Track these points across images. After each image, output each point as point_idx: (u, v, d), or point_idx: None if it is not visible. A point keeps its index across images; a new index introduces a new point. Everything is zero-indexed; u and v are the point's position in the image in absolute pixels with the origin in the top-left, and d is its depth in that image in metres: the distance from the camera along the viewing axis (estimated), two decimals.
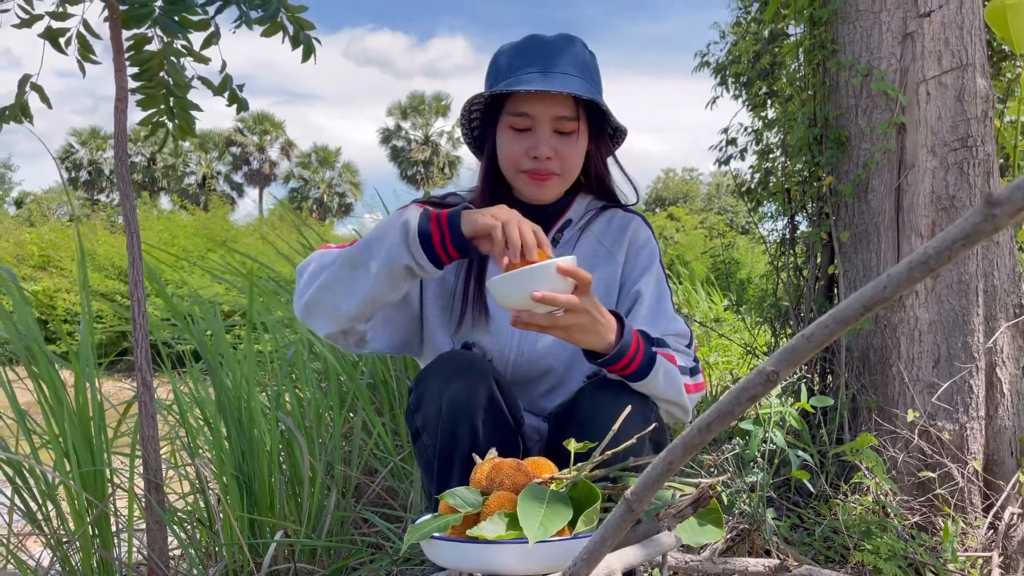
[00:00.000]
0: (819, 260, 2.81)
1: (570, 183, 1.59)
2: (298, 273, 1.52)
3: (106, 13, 1.79)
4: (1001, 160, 2.94)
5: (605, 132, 1.62)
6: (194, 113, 2.00)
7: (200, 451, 2.32)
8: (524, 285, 1.21)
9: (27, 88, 1.84)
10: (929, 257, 0.61)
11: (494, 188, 1.60)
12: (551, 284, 1.22)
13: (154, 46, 1.87)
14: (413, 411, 1.45)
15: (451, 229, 1.34)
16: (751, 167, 3.46)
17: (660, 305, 1.55)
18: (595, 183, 1.66)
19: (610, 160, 1.67)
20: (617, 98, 1.58)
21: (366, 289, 1.39)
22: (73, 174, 41.70)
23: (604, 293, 1.57)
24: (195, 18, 1.81)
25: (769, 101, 3.66)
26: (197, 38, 1.88)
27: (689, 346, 1.52)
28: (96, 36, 1.85)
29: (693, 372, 1.48)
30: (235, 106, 2.03)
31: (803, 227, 3.03)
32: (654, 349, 1.39)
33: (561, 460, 1.24)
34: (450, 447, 1.38)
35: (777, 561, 1.71)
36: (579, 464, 1.17)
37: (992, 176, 2.51)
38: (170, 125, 1.99)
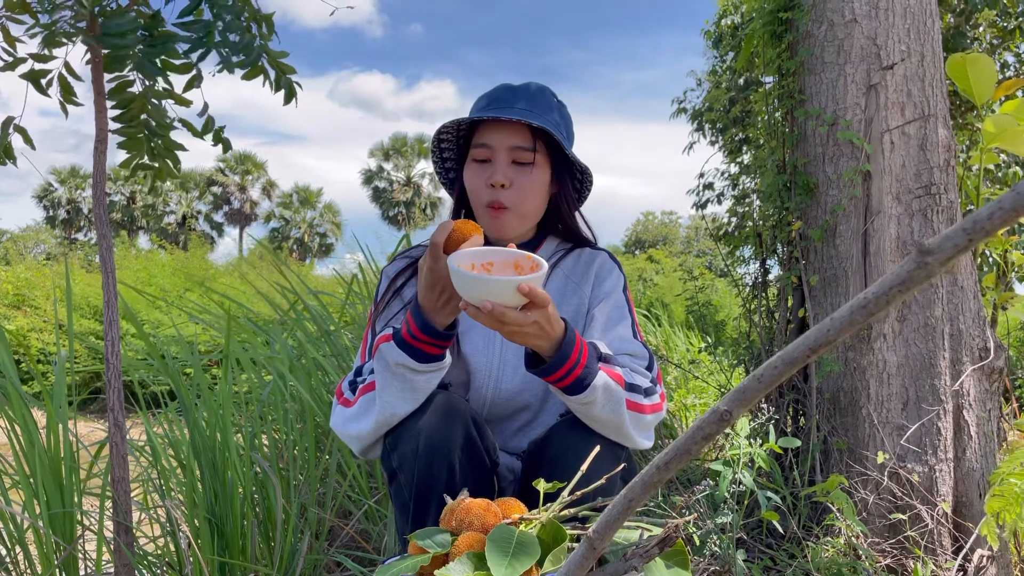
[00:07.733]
0: (790, 303, 2.86)
1: (528, 220, 1.62)
2: (335, 428, 1.57)
3: (88, 56, 1.83)
4: (970, 207, 3.01)
5: (571, 175, 1.66)
6: (177, 153, 2.03)
7: (172, 493, 2.30)
8: (479, 290, 1.25)
9: (11, 130, 1.85)
10: (868, 303, 0.64)
11: None
12: (506, 298, 1.26)
13: (136, 89, 1.90)
14: (389, 452, 1.45)
15: (413, 319, 1.40)
16: (727, 211, 3.54)
17: (615, 327, 1.57)
18: (562, 225, 1.70)
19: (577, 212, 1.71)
20: (600, 142, 1.64)
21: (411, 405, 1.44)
22: (51, 212, 41.46)
23: (572, 323, 1.60)
24: (177, 62, 1.84)
25: (744, 147, 3.75)
26: (179, 81, 1.92)
27: (650, 368, 1.51)
28: (78, 78, 1.88)
29: (648, 392, 1.46)
30: (219, 145, 2.06)
31: (775, 271, 3.08)
32: (599, 364, 1.39)
33: (535, 499, 1.25)
34: (427, 487, 1.38)
35: None
36: (548, 504, 1.18)
37: (955, 222, 2.58)
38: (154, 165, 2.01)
